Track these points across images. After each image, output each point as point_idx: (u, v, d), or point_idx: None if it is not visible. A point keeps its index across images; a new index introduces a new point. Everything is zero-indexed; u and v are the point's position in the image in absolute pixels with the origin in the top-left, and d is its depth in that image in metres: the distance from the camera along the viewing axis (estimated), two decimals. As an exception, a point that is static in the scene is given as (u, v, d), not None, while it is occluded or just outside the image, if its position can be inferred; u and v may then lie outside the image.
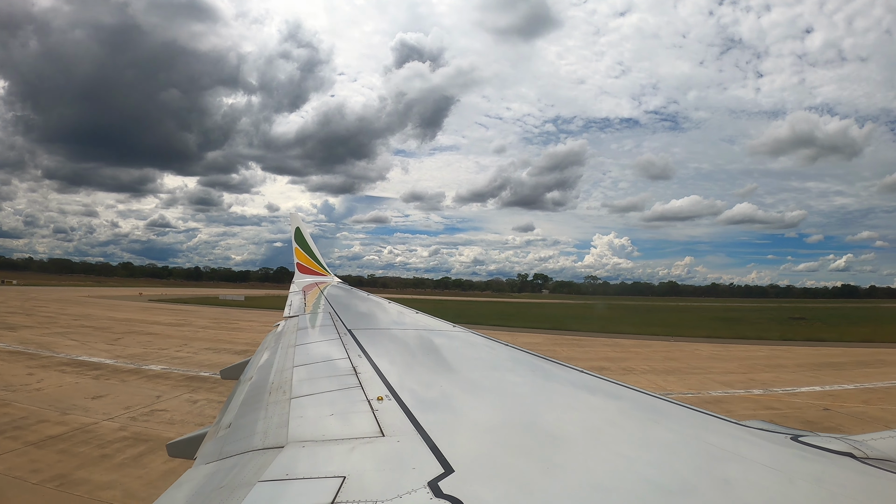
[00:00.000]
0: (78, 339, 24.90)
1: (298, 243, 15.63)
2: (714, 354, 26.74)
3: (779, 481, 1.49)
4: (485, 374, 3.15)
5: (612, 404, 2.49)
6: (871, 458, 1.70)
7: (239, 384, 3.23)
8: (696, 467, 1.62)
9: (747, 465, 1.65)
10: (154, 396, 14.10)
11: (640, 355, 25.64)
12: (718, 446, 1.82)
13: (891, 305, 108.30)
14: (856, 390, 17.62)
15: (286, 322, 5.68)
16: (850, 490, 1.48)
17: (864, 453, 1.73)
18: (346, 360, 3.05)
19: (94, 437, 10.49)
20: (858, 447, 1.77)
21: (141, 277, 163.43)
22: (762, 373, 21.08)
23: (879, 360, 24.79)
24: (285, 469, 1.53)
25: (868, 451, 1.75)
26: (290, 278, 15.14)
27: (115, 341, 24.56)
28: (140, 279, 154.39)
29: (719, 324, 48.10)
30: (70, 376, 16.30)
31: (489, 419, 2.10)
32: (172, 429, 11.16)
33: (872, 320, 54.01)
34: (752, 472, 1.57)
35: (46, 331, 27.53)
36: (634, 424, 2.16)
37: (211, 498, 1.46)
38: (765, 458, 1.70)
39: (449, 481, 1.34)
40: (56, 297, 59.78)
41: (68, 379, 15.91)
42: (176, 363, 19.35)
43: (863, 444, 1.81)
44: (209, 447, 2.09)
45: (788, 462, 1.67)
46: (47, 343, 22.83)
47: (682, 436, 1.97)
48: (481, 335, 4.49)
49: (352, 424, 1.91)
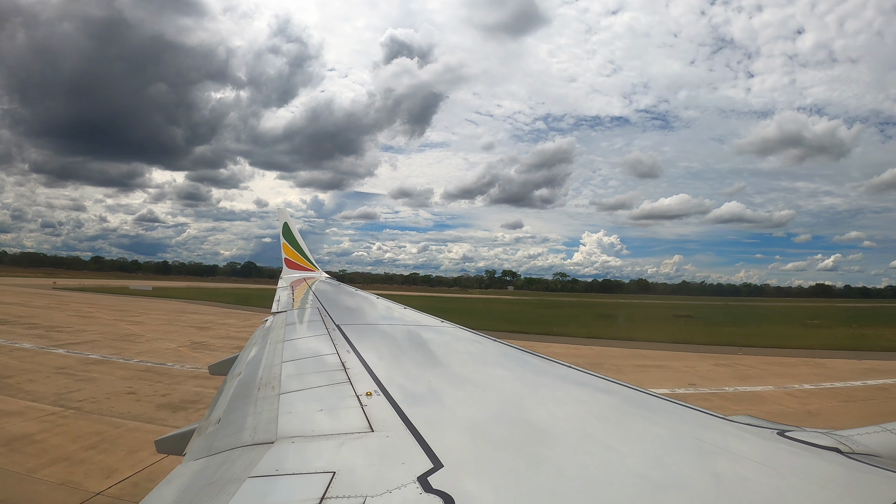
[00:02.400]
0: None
1: (286, 239, 15.53)
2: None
3: (767, 476, 1.51)
4: (474, 369, 3.15)
5: (601, 399, 2.51)
6: (856, 453, 1.72)
7: (228, 380, 3.21)
8: (686, 462, 1.64)
9: (736, 460, 1.66)
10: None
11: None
12: (707, 441, 1.84)
13: (840, 305, 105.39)
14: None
15: (274, 317, 5.64)
16: (837, 484, 1.50)
17: (849, 448, 1.75)
18: (335, 356, 3.04)
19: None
20: (844, 442, 1.79)
21: (110, 271, 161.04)
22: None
23: (613, 364, 21.52)
24: (275, 465, 1.52)
25: (854, 446, 1.77)
26: (257, 274, 15.03)
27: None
28: (109, 273, 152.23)
29: (599, 321, 44.59)
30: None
31: (478, 414, 2.10)
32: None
33: (765, 320, 51.09)
34: (741, 467, 1.59)
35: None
36: (623, 419, 2.18)
37: (201, 494, 1.45)
38: (753, 453, 1.71)
39: (438, 476, 1.34)
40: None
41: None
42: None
43: (848, 439, 1.83)
44: (198, 443, 2.07)
45: (776, 457, 1.69)
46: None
47: (671, 431, 1.99)
48: (470, 331, 4.49)
49: (341, 420, 1.90)
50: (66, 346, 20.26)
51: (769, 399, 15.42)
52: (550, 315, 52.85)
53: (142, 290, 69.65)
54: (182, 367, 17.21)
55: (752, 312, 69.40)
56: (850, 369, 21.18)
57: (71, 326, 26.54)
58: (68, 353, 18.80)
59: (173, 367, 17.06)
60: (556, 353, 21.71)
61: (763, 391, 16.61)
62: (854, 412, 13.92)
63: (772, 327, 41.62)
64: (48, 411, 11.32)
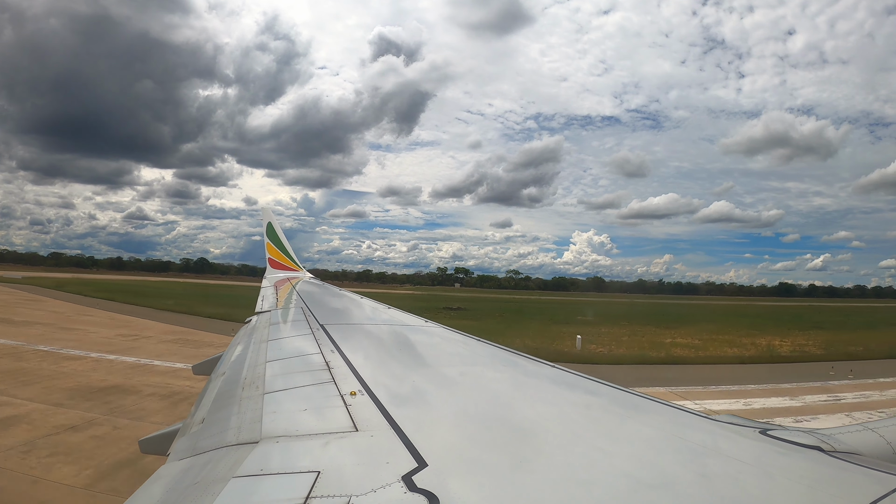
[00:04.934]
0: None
1: (270, 238, 15.38)
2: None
3: (752, 474, 1.52)
4: (459, 369, 3.15)
5: (587, 399, 2.52)
6: (838, 451, 1.75)
7: (211, 380, 3.17)
8: (672, 462, 1.65)
9: (721, 459, 1.68)
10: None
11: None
12: (693, 440, 1.86)
13: (774, 304, 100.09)
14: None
15: (258, 317, 5.58)
16: (820, 482, 1.52)
17: (831, 446, 1.78)
18: (319, 355, 3.02)
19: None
20: (826, 440, 1.82)
21: (67, 266, 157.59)
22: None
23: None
24: (260, 464, 1.51)
25: (836, 444, 1.80)
26: (209, 271, 14.66)
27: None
28: (66, 268, 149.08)
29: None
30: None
31: (463, 414, 2.11)
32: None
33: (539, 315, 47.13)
34: (725, 466, 1.61)
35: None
36: (609, 419, 2.19)
37: (185, 494, 1.43)
38: (737, 452, 1.73)
39: (423, 475, 1.34)
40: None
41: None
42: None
43: (830, 437, 1.86)
44: (182, 443, 2.05)
45: (760, 455, 1.71)
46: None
47: (657, 430, 2.01)
48: (455, 331, 4.48)
49: (325, 419, 1.89)
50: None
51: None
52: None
53: (11, 278, 69.04)
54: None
55: (565, 308, 62.06)
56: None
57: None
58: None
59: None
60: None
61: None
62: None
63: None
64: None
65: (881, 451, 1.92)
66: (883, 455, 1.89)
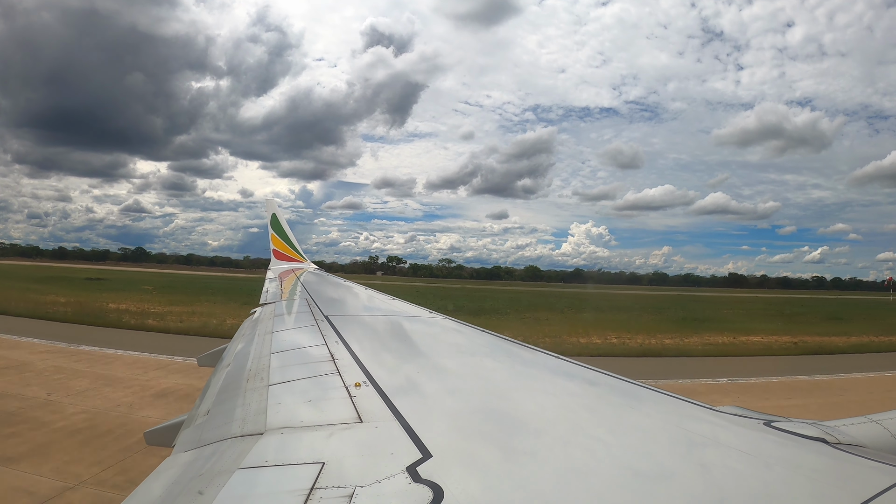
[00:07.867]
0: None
1: (275, 230, 15.38)
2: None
3: (755, 466, 1.52)
4: (462, 359, 3.15)
5: (589, 390, 2.52)
6: (842, 444, 1.75)
7: (216, 371, 3.19)
8: (674, 452, 1.65)
9: (723, 450, 1.68)
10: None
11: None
12: (695, 431, 1.86)
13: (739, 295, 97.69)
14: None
15: (263, 309, 5.60)
16: (824, 474, 1.52)
17: (835, 438, 1.78)
18: (324, 347, 3.03)
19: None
20: (830, 432, 1.82)
21: (36, 258, 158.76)
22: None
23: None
24: (264, 456, 1.52)
25: (840, 437, 1.80)
26: (151, 260, 14.24)
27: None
28: (37, 259, 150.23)
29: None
30: None
31: (467, 404, 2.11)
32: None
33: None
34: (728, 458, 1.60)
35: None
36: (611, 410, 2.19)
37: (190, 486, 1.44)
38: (740, 443, 1.73)
39: (427, 466, 1.35)
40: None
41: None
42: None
43: (835, 429, 1.86)
44: (187, 434, 2.07)
45: (763, 447, 1.71)
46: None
47: (659, 421, 2.01)
48: (458, 321, 4.49)
49: (330, 411, 1.90)
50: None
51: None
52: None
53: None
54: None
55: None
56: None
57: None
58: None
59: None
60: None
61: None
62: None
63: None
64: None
65: (886, 444, 1.92)
66: (888, 447, 1.89)
